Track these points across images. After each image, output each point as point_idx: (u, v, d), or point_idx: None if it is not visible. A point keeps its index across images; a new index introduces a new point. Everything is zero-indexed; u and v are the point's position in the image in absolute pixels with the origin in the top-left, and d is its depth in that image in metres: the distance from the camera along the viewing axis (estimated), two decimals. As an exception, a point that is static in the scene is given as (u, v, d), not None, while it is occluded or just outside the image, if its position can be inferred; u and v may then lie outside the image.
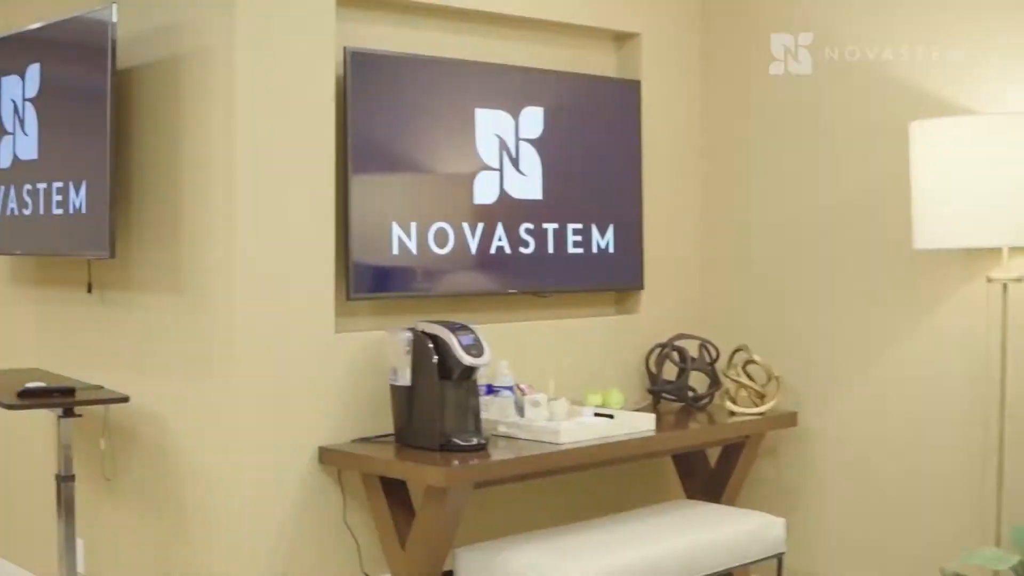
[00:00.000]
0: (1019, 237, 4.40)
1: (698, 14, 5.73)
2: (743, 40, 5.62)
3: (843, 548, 5.34)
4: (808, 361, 5.43)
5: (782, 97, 5.50)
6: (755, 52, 5.56)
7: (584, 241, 5.27)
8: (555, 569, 4.16)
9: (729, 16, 5.67)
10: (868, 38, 5.18)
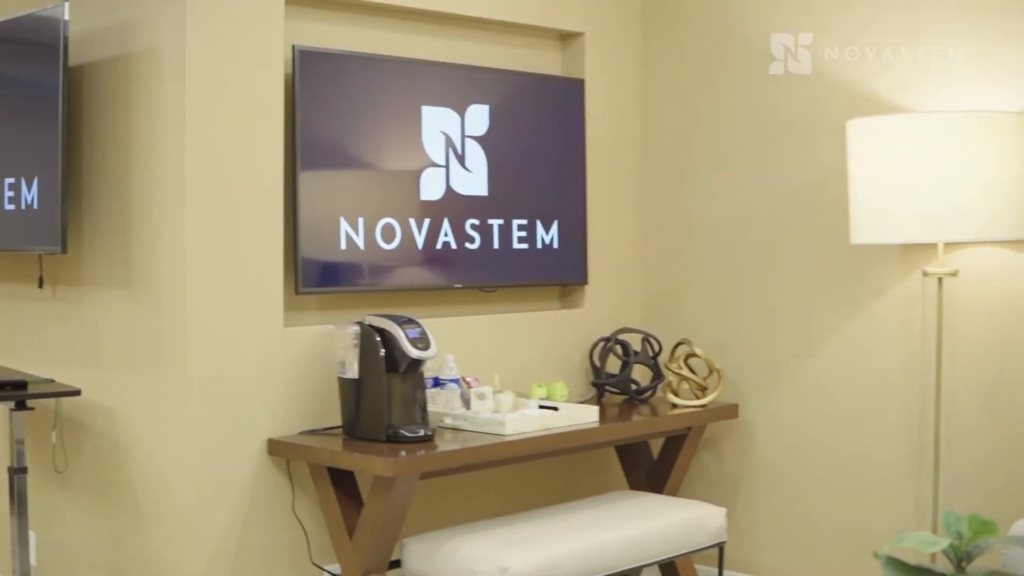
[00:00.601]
0: (953, 233, 4.48)
1: (639, 14, 5.80)
2: (683, 39, 5.70)
3: (783, 537, 5.43)
4: (749, 354, 5.51)
5: (722, 95, 5.58)
6: (694, 50, 5.65)
7: (529, 237, 5.34)
8: (500, 558, 4.22)
9: (669, 16, 5.75)
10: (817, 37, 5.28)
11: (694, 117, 5.69)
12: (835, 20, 5.20)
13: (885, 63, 5.06)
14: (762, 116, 5.45)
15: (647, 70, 5.84)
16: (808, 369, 5.33)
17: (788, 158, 5.38)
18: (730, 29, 5.53)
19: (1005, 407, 4.79)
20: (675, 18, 5.73)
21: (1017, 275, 4.75)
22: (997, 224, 4.49)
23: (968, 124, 4.47)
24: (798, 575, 5.37)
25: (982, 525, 2.97)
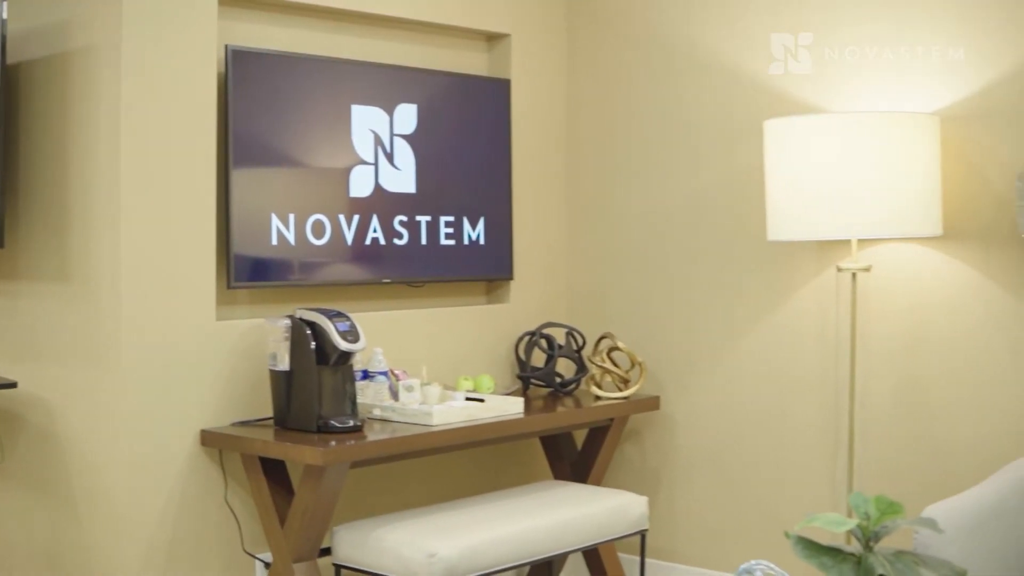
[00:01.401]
0: (867, 230, 4.61)
1: (564, 16, 5.90)
2: (606, 41, 5.81)
3: (703, 525, 5.56)
4: (670, 348, 5.64)
5: (644, 95, 5.70)
6: (618, 52, 5.77)
7: (456, 233, 5.43)
8: (428, 544, 4.32)
9: (593, 18, 5.85)
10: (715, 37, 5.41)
11: (617, 117, 5.80)
12: (757, 22, 5.34)
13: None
14: (683, 116, 5.57)
15: (572, 71, 5.94)
16: (727, 362, 5.47)
17: (708, 157, 5.50)
18: (653, 30, 5.65)
19: (916, 397, 4.95)
20: (599, 20, 5.84)
21: (927, 270, 4.91)
22: (909, 221, 4.62)
23: (881, 124, 4.60)
24: (718, 562, 5.49)
25: (888, 506, 3.11)
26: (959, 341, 4.85)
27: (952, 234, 4.81)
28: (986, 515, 4.11)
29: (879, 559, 3.05)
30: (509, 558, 4.53)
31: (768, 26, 5.28)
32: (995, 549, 4.08)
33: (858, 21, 5.06)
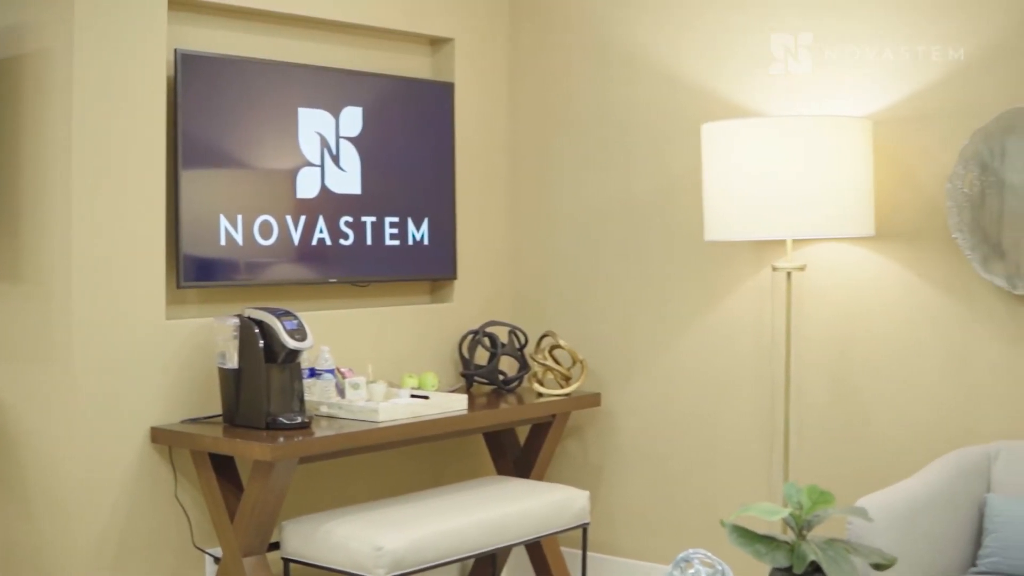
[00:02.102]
0: (801, 230, 4.72)
1: (507, 21, 6.00)
2: (548, 45, 5.91)
3: (643, 518, 5.67)
4: (610, 346, 5.75)
5: (585, 99, 5.80)
6: (559, 56, 5.87)
7: (400, 234, 5.50)
8: (375, 538, 4.41)
9: (535, 22, 5.95)
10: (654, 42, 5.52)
11: (559, 120, 5.90)
12: (696, 27, 5.45)
13: (739, 70, 5.33)
14: (623, 119, 5.68)
15: (514, 74, 6.04)
16: (666, 359, 5.58)
17: (647, 159, 5.61)
18: (593, 35, 5.76)
19: (849, 392, 5.08)
20: (541, 25, 5.94)
21: (859, 269, 5.04)
22: (841, 222, 4.74)
23: (815, 128, 4.72)
24: (657, 554, 5.60)
25: (820, 496, 3.25)
26: (891, 338, 4.99)
27: (884, 234, 4.94)
28: (917, 507, 4.25)
29: (811, 547, 3.19)
30: (454, 551, 4.63)
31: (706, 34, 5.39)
32: (926, 539, 4.21)
33: (788, 30, 5.19)
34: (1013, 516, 4.27)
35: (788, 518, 3.28)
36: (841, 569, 3.12)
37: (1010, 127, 4.57)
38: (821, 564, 3.13)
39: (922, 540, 4.20)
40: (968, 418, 4.80)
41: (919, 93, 4.88)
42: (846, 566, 3.13)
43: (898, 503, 4.22)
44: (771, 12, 5.24)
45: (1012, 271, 4.60)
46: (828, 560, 3.14)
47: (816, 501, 3.25)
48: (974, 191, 4.65)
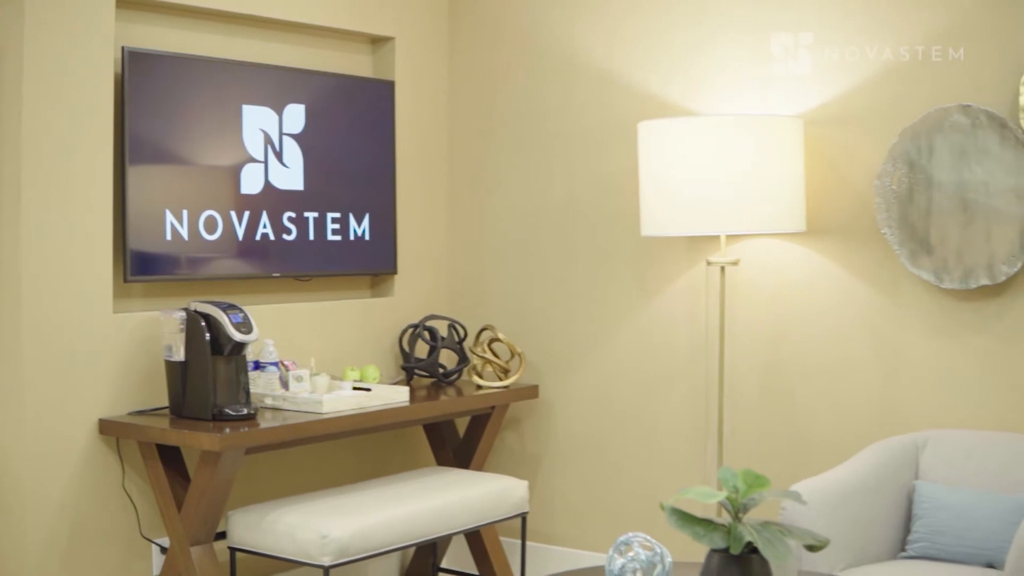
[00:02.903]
0: (735, 226, 4.84)
1: (447, 20, 6.08)
2: (487, 44, 6.01)
3: (580, 508, 5.78)
4: (548, 339, 5.85)
5: (523, 97, 5.90)
6: (498, 55, 5.97)
7: (342, 229, 5.58)
8: (321, 526, 4.50)
9: (474, 22, 6.04)
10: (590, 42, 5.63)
11: (497, 117, 5.99)
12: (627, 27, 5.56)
13: (675, 70, 5.45)
14: (560, 117, 5.78)
15: (454, 73, 6.12)
16: (603, 352, 5.69)
17: (584, 157, 5.72)
18: (531, 35, 5.86)
19: (781, 383, 5.22)
20: (480, 25, 6.02)
21: (790, 264, 5.18)
22: (773, 218, 4.86)
23: (748, 127, 4.85)
24: (594, 542, 5.72)
25: (755, 479, 3.36)
26: (821, 330, 5.13)
27: (815, 230, 5.08)
28: (848, 493, 4.39)
29: (748, 528, 3.30)
30: (398, 539, 4.72)
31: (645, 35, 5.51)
32: (856, 525, 4.36)
33: (722, 33, 5.32)
34: (941, 502, 4.42)
35: (725, 501, 3.38)
36: (776, 550, 3.22)
37: (937, 126, 4.71)
38: (757, 545, 3.24)
39: (853, 525, 4.34)
40: (896, 408, 4.95)
41: (849, 93, 5.02)
42: (781, 547, 3.24)
43: (829, 489, 4.36)
44: (705, 13, 5.37)
45: (939, 265, 4.75)
46: (764, 541, 3.25)
47: (751, 485, 3.35)
48: (902, 188, 4.79)
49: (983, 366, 4.78)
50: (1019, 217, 4.57)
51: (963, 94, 4.73)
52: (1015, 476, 4.46)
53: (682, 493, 3.38)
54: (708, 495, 3.38)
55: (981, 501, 4.36)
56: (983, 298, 4.75)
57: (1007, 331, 4.72)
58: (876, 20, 4.96)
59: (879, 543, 4.44)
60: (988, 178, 4.63)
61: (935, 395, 4.88)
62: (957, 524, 4.35)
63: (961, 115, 4.67)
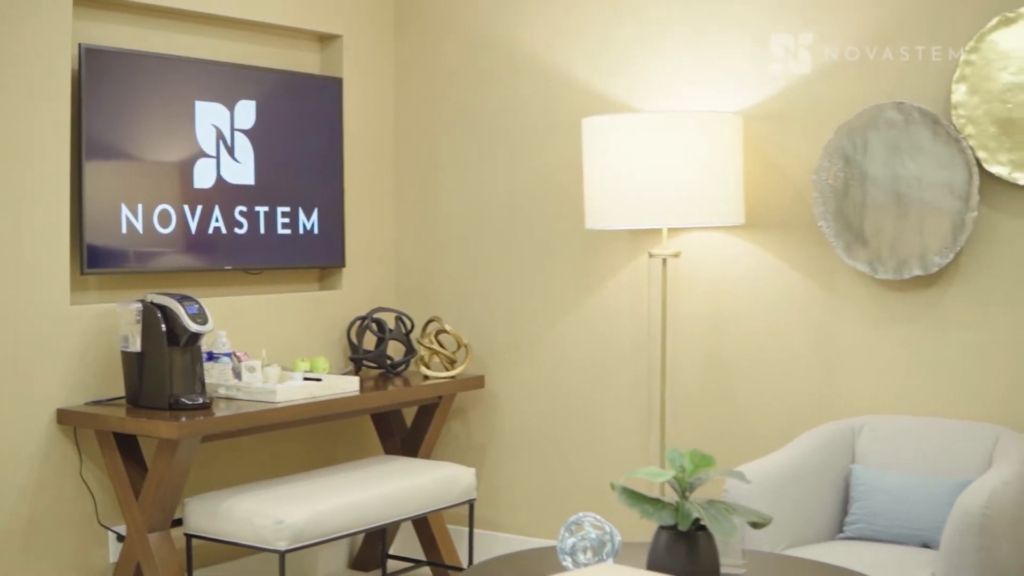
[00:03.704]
0: (676, 219, 4.97)
1: (393, 18, 6.18)
2: (433, 42, 6.11)
3: (526, 495, 5.91)
4: (494, 330, 5.97)
5: (468, 94, 6.01)
6: (443, 53, 6.07)
7: (292, 223, 5.67)
8: (276, 512, 4.62)
9: (420, 20, 6.14)
10: (535, 40, 5.75)
11: (444, 113, 6.09)
12: (571, 25, 5.68)
13: (617, 66, 5.58)
14: (505, 113, 5.90)
15: (400, 70, 6.22)
16: (548, 341, 5.81)
17: (529, 152, 5.84)
18: (477, 33, 5.97)
19: (721, 371, 5.37)
20: (426, 22, 6.13)
21: (731, 256, 5.33)
22: (714, 212, 4.99)
23: (689, 123, 4.97)
24: (541, 529, 5.84)
25: (702, 459, 3.51)
26: (760, 320, 5.28)
27: (754, 223, 5.23)
28: (787, 476, 4.54)
29: (695, 506, 3.45)
30: (351, 524, 4.85)
31: (590, 32, 5.64)
32: (796, 507, 4.51)
33: (665, 31, 5.45)
34: (876, 485, 4.58)
35: (672, 481, 3.52)
36: (723, 526, 3.37)
37: (872, 122, 4.87)
38: (705, 521, 3.38)
39: (792, 507, 4.49)
40: (833, 395, 5.11)
41: (787, 90, 5.17)
42: (727, 524, 3.38)
43: (769, 473, 4.51)
44: (645, 8, 5.50)
45: (873, 257, 4.91)
46: (711, 518, 3.39)
47: (698, 464, 3.49)
48: (838, 182, 4.95)
49: (916, 354, 4.94)
50: (951, 210, 4.74)
51: (897, 92, 4.90)
52: (947, 460, 4.62)
53: (631, 473, 3.52)
54: (657, 474, 3.52)
55: (915, 484, 4.52)
56: (916, 288, 4.92)
57: (939, 320, 4.89)
58: (814, 19, 5.12)
59: (818, 524, 4.59)
60: (921, 172, 4.79)
61: (870, 382, 5.04)
62: (892, 506, 4.50)
63: (895, 112, 4.83)
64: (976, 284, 4.81)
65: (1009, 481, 4.11)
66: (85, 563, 4.91)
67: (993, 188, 4.73)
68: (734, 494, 4.32)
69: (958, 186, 4.72)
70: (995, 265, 4.78)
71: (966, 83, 4.72)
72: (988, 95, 4.68)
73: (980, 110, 4.69)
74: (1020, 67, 4.63)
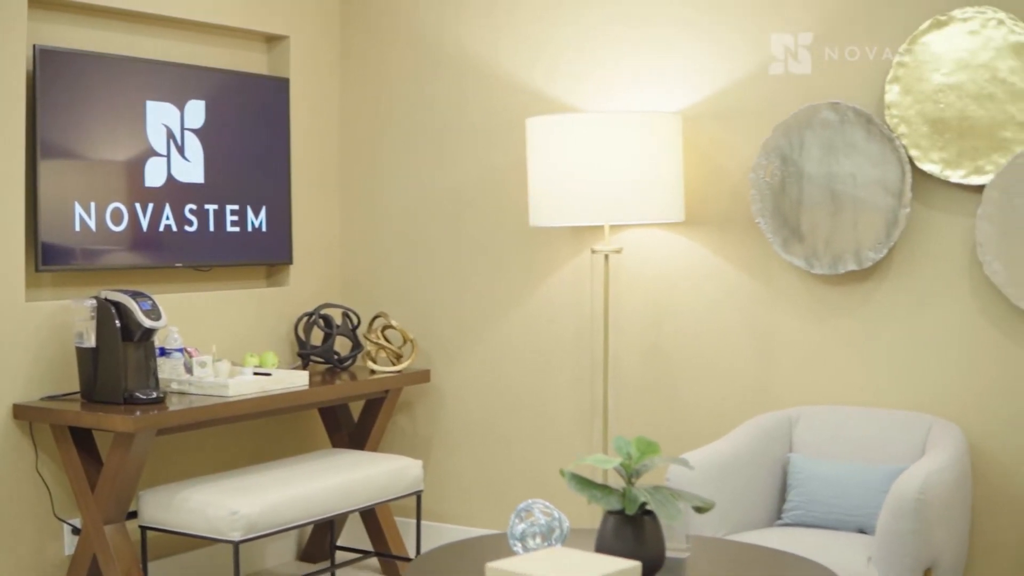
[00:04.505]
0: (618, 216, 5.09)
1: (339, 20, 6.28)
2: (378, 44, 6.20)
3: (472, 487, 6.02)
4: (439, 325, 6.07)
5: (414, 94, 6.11)
6: (388, 54, 6.16)
7: (240, 221, 5.75)
8: (230, 503, 4.72)
9: (366, 22, 6.23)
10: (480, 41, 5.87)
11: (389, 113, 6.19)
12: (515, 28, 5.80)
13: (558, 66, 5.70)
14: (450, 113, 6.00)
15: (346, 70, 6.31)
16: (493, 337, 5.93)
17: (474, 151, 5.95)
18: (422, 34, 6.07)
19: (662, 363, 5.50)
20: (371, 24, 6.22)
21: (671, 251, 5.46)
22: (654, 209, 5.12)
23: (630, 122, 5.09)
24: (486, 520, 5.96)
25: (648, 446, 3.64)
26: (699, 314, 5.42)
27: (693, 220, 5.37)
28: (726, 465, 4.68)
29: (641, 491, 3.58)
30: (303, 515, 4.96)
31: (532, 33, 5.76)
32: (736, 494, 4.65)
33: (606, 33, 5.57)
34: (813, 473, 4.73)
35: (619, 467, 3.65)
36: (668, 510, 3.49)
37: (808, 122, 5.02)
38: (651, 505, 3.52)
39: (732, 495, 4.63)
40: (770, 386, 5.26)
41: (725, 90, 5.31)
42: (672, 508, 3.51)
43: (710, 461, 4.64)
44: (585, 9, 5.62)
45: (809, 253, 5.06)
46: (657, 503, 3.52)
47: (644, 451, 3.61)
48: (775, 180, 5.10)
49: (851, 346, 5.10)
50: (884, 207, 4.90)
51: (833, 92, 5.05)
52: (880, 448, 4.79)
53: (580, 460, 3.64)
54: (604, 461, 3.64)
55: (850, 472, 4.68)
56: (851, 283, 5.08)
57: (873, 313, 5.05)
58: (752, 21, 5.26)
59: (757, 511, 4.74)
60: (855, 170, 4.95)
61: (807, 374, 5.20)
62: (829, 493, 4.65)
63: (830, 112, 4.99)
64: (909, 278, 4.98)
65: (942, 468, 4.27)
66: (41, 556, 4.98)
67: (925, 185, 4.89)
68: (676, 482, 4.45)
69: (891, 184, 4.88)
70: (927, 260, 4.94)
71: (899, 84, 4.88)
72: (920, 95, 4.85)
73: (913, 110, 4.86)
74: (951, 68, 4.79)
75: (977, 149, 4.77)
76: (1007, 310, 4.80)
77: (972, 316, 4.87)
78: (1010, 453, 4.82)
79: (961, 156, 4.80)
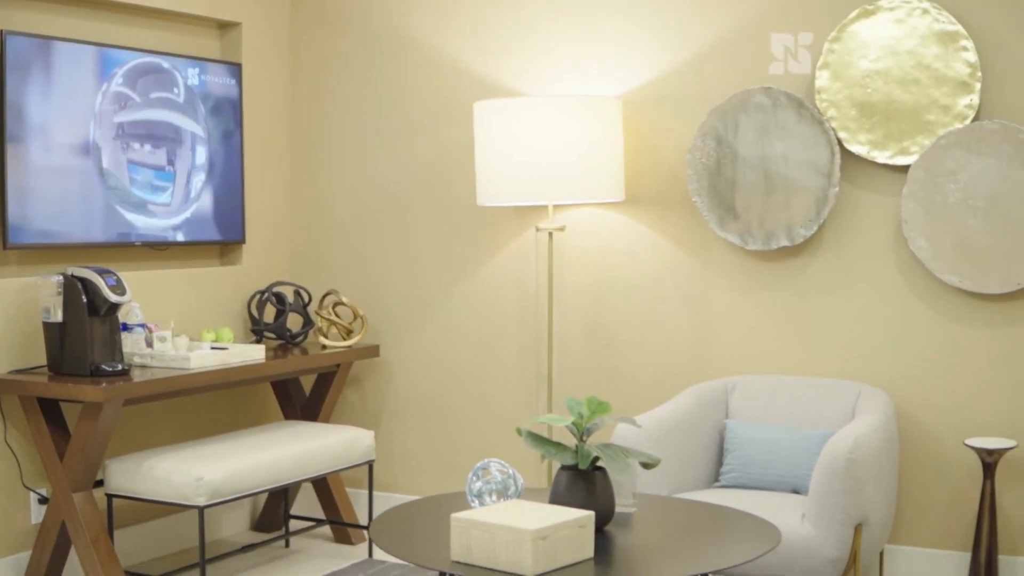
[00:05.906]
0: (561, 196, 5.28)
1: (289, 6, 6.44)
2: (328, 30, 6.36)
3: (421, 458, 6.21)
4: (388, 302, 6.25)
5: (363, 79, 6.27)
6: (338, 40, 6.32)
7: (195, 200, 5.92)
8: (195, 470, 4.91)
9: (316, 9, 6.38)
10: (427, 28, 6.05)
11: (339, 98, 6.35)
12: (462, 13, 5.98)
13: (504, 52, 5.89)
14: (399, 98, 6.17)
15: (296, 55, 6.46)
16: (440, 313, 6.13)
17: (422, 134, 6.12)
18: (371, 21, 6.23)
19: (604, 336, 5.73)
20: (321, 10, 6.37)
21: (612, 230, 5.69)
22: (596, 188, 5.32)
23: (574, 106, 5.29)
24: (434, 489, 6.17)
25: (598, 405, 3.87)
26: (638, 289, 5.65)
27: (633, 199, 5.61)
28: (667, 429, 4.91)
29: (593, 447, 3.82)
30: (265, 482, 5.16)
31: (480, 20, 5.95)
32: (676, 457, 4.88)
33: (551, 18, 5.77)
34: (748, 438, 4.99)
35: (571, 426, 3.88)
36: (618, 465, 3.73)
37: (742, 106, 5.27)
38: (602, 460, 3.75)
39: (673, 458, 4.87)
40: (707, 357, 5.51)
41: (662, 77, 5.55)
42: (622, 463, 3.75)
43: (651, 425, 4.87)
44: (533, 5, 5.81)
45: (744, 230, 5.31)
46: (608, 458, 3.75)
47: (595, 410, 3.85)
48: (711, 161, 5.34)
49: (784, 319, 5.37)
50: (814, 186, 5.16)
51: (765, 77, 5.30)
52: (812, 414, 5.06)
53: (533, 419, 3.87)
54: (557, 420, 3.87)
55: (784, 436, 4.94)
56: (783, 258, 5.34)
57: (804, 287, 5.32)
58: (691, 9, 5.49)
59: (696, 473, 4.98)
60: (787, 152, 5.20)
61: (741, 345, 5.45)
62: (764, 456, 4.91)
63: (763, 96, 5.24)
64: (838, 254, 5.25)
65: (871, 430, 4.53)
66: (9, 525, 5.13)
67: (853, 166, 5.16)
68: (623, 435, 4.68)
69: (821, 164, 5.14)
70: (855, 236, 5.21)
71: (829, 70, 5.14)
72: (849, 81, 5.11)
73: (841, 95, 5.12)
74: (878, 55, 5.05)
75: (903, 131, 5.03)
76: (931, 283, 5.08)
77: (898, 289, 5.14)
78: (934, 417, 5.11)
79: (887, 138, 5.06)
